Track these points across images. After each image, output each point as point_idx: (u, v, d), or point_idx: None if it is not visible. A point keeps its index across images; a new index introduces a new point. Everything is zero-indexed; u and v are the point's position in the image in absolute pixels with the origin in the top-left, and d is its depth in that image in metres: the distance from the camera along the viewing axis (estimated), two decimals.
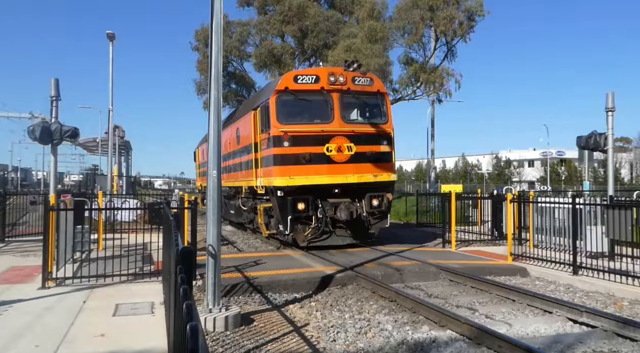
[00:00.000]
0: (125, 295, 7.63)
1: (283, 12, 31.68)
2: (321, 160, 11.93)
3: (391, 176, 12.80)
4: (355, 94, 12.72)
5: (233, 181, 16.71)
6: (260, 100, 13.44)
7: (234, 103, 35.32)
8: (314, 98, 12.33)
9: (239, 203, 16.40)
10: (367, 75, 13.20)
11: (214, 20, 6.68)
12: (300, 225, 12.06)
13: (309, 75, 12.38)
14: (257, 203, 13.92)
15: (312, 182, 11.86)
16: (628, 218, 9.00)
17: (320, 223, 12.12)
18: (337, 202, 12.21)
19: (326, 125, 12.15)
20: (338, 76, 12.38)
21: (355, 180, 12.18)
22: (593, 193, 21.87)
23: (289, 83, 12.23)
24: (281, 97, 12.13)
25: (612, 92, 12.04)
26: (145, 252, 10.25)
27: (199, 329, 1.60)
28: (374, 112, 13.20)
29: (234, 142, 16.59)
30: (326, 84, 12.27)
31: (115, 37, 24.59)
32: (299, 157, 11.86)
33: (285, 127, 11.91)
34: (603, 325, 6.40)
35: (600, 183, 44.26)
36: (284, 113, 12.12)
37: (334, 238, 12.39)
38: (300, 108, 12.47)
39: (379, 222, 12.78)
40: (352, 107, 13.04)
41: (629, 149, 78.37)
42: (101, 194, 14.44)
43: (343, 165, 12.07)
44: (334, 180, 12.02)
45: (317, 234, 12.22)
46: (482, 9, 31.31)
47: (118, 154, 33.23)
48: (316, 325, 6.81)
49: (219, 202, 6.84)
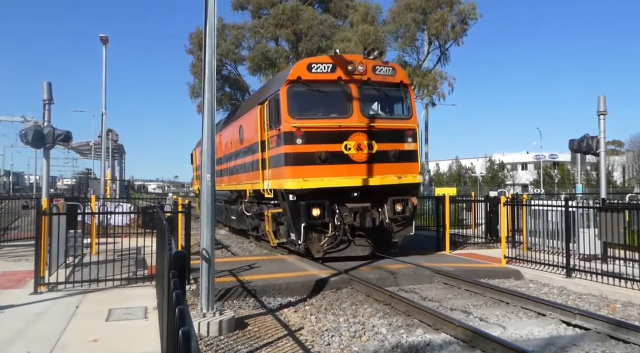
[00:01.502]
0: (118, 300, 7.58)
1: (277, 16, 31.75)
2: (338, 160, 10.64)
3: (417, 177, 11.49)
4: (376, 85, 11.37)
5: (235, 184, 15.52)
6: (268, 93, 12.06)
7: (228, 106, 35.34)
8: (330, 89, 11.00)
9: (241, 208, 15.21)
10: (389, 64, 11.89)
11: (208, 23, 6.68)
12: (314, 233, 10.74)
13: (325, 64, 10.96)
14: (264, 209, 12.81)
15: (329, 184, 10.53)
16: (620, 220, 9.05)
17: (338, 232, 10.75)
18: (357, 207, 10.85)
19: (344, 120, 10.86)
20: (357, 65, 11.04)
21: (378, 182, 10.85)
22: (586, 196, 22.03)
23: (302, 72, 10.86)
24: (293, 88, 10.80)
25: (603, 96, 12.15)
26: (138, 256, 10.20)
27: (191, 334, 1.59)
28: (397, 105, 11.98)
29: (236, 141, 15.36)
30: (344, 73, 10.94)
31: (108, 40, 24.52)
32: (313, 156, 10.53)
33: (298, 122, 10.58)
34: (596, 328, 6.42)
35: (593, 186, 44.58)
36: (296, 106, 10.82)
37: (352, 249, 11.03)
38: (314, 100, 11.15)
39: (403, 229, 11.43)
40: (372, 99, 11.75)
41: (621, 152, 79.02)
42: (94, 198, 14.36)
43: (363, 165, 10.78)
44: (353, 182, 10.69)
45: (334, 244, 10.84)
46: (475, 12, 31.55)
47: (111, 157, 33.06)
48: (311, 329, 6.80)
49: (213, 206, 6.83)
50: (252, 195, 13.61)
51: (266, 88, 13.65)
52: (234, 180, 15.64)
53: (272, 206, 12.12)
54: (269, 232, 12.32)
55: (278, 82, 11.76)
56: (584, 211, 10.51)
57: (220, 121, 21.59)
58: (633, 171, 76.39)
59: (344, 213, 10.80)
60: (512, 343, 5.77)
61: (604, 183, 12.65)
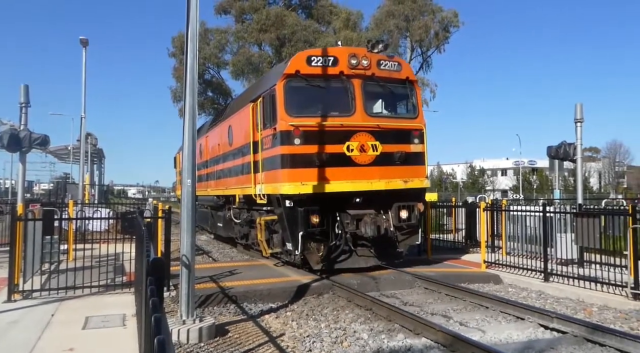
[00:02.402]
0: (96, 308, 7.44)
1: (261, 21, 31.78)
2: (340, 162, 9.83)
3: (424, 182, 10.78)
4: (380, 80, 10.57)
5: (223, 189, 14.50)
6: (262, 89, 11.10)
7: (210, 111, 35.18)
8: (331, 85, 10.22)
9: (229, 215, 14.10)
10: (395, 59, 11.00)
11: (190, 27, 6.64)
12: (313, 243, 9.87)
13: (326, 56, 10.09)
14: (255, 216, 11.83)
15: (330, 189, 9.70)
16: (596, 226, 9.23)
17: (339, 241, 10.01)
18: (360, 214, 10.06)
19: (346, 118, 10.03)
20: (361, 58, 10.21)
21: (383, 186, 10.03)
22: (563, 201, 22.43)
23: (300, 65, 9.97)
24: (291, 83, 9.94)
25: (580, 104, 12.39)
26: (117, 262, 10.03)
27: (166, 343, 1.57)
28: (403, 103, 11.24)
29: (225, 143, 14.33)
30: (346, 67, 10.11)
31: (88, 42, 24.23)
32: (312, 158, 9.67)
33: (296, 121, 9.71)
34: (573, 331, 6.53)
35: (571, 191, 45.42)
36: (294, 103, 9.96)
37: (354, 259, 10.25)
38: (314, 97, 10.33)
39: (409, 238, 10.67)
40: (376, 96, 10.97)
41: (598, 159, 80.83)
42: (72, 203, 14.10)
43: (367, 168, 9.98)
44: (356, 186, 9.86)
45: (335, 254, 10.09)
46: (457, 20, 32.06)
47: (90, 162, 32.55)
48: (292, 335, 6.77)
49: (194, 211, 6.77)
50: (242, 201, 12.73)
51: (259, 84, 12.54)
52: (222, 184, 14.74)
53: (264, 213, 11.28)
54: (261, 241, 11.33)
55: (273, 76, 10.78)
56: (561, 216, 10.69)
57: (207, 122, 20.96)
58: (609, 177, 78.17)
59: (346, 220, 10.06)
60: (492, 347, 5.83)
61: (580, 189, 12.89)
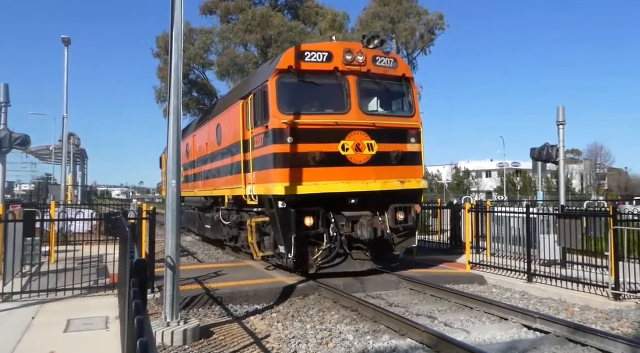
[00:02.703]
0: (78, 310, 7.33)
1: (246, 22, 31.69)
2: (335, 162, 9.51)
3: (421, 183, 10.49)
4: (376, 77, 10.27)
5: (211, 189, 14.06)
6: (252, 85, 10.76)
7: (195, 111, 34.96)
8: (326, 81, 9.88)
9: (218, 216, 13.64)
10: (391, 55, 10.72)
11: (174, 27, 6.58)
12: (307, 245, 9.57)
13: (320, 52, 9.78)
14: (245, 217, 11.46)
15: (324, 189, 9.36)
16: (578, 227, 9.37)
17: (334, 244, 9.63)
18: (355, 215, 9.77)
19: (341, 116, 9.68)
20: (356, 54, 9.89)
21: (379, 187, 9.73)
22: (546, 202, 22.73)
23: (293, 60, 9.65)
24: (283, 79, 9.62)
25: (562, 106, 12.59)
26: (100, 264, 9.90)
27: (149, 345, 1.54)
28: (399, 101, 10.98)
29: (212, 142, 13.97)
30: (341, 63, 9.80)
31: (70, 41, 23.90)
32: (306, 157, 9.35)
33: (289, 118, 9.34)
34: (555, 331, 6.61)
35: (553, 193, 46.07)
36: (287, 99, 9.62)
37: (349, 263, 9.88)
38: (307, 93, 10.03)
39: (405, 240, 10.40)
40: (372, 94, 10.63)
41: (579, 161, 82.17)
42: (54, 204, 13.88)
43: (362, 167, 9.67)
44: (351, 187, 9.55)
45: (329, 258, 9.70)
46: (442, 23, 32.34)
47: (73, 162, 32.09)
48: (277, 336, 6.74)
49: (178, 212, 6.70)
50: (231, 202, 12.32)
51: (249, 80, 12.17)
52: (210, 184, 14.31)
53: (254, 214, 10.92)
54: (252, 244, 10.89)
55: (265, 72, 10.41)
56: (544, 218, 10.83)
57: (194, 121, 20.59)
58: (590, 179, 79.49)
59: (340, 222, 9.72)
60: (476, 347, 5.88)
61: (563, 190, 13.08)
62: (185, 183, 18.01)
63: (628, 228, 8.65)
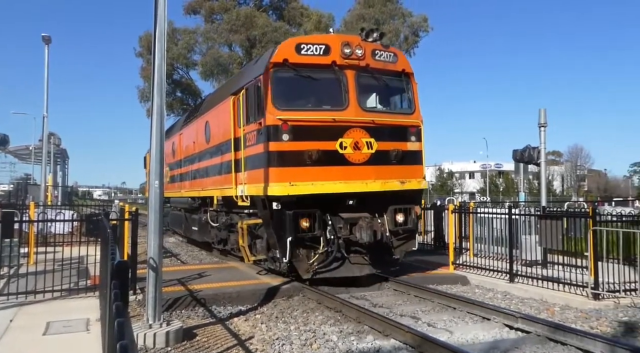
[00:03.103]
0: (58, 312, 7.20)
1: (231, 22, 31.55)
2: (333, 161, 9.10)
3: (421, 183, 10.20)
4: (375, 72, 9.88)
5: (199, 190, 13.57)
6: (245, 80, 10.28)
7: (179, 111, 34.69)
8: (323, 76, 9.45)
9: (206, 218, 13.15)
10: (391, 49, 10.29)
11: (158, 27, 6.52)
12: (302, 249, 9.10)
13: (317, 44, 9.34)
14: (236, 219, 11.03)
15: (322, 190, 8.97)
16: (559, 228, 9.52)
17: (331, 247, 9.18)
18: (354, 217, 9.34)
19: (339, 112, 9.27)
20: (355, 48, 9.46)
21: (379, 187, 9.35)
22: (528, 203, 23.04)
23: (289, 53, 9.21)
24: (278, 73, 9.18)
25: (544, 109, 12.78)
26: (81, 265, 9.75)
27: (129, 348, 1.52)
28: (399, 97, 10.58)
29: (201, 140, 13.48)
30: (339, 57, 9.36)
31: (51, 40, 23.51)
32: (303, 156, 8.92)
33: (285, 115, 8.92)
34: (537, 331, 6.70)
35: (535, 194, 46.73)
36: (282, 94, 9.22)
37: (347, 268, 9.43)
38: (304, 88, 9.59)
39: (405, 243, 10.01)
40: (371, 90, 10.23)
41: (560, 162, 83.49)
42: (33, 205, 13.63)
43: (361, 167, 9.27)
44: (350, 187, 9.15)
45: (327, 262, 9.24)
46: (426, 25, 32.60)
47: (53, 162, 31.59)
48: (261, 338, 6.71)
49: (161, 213, 6.63)
50: (221, 203, 11.82)
51: (241, 75, 11.64)
52: (198, 185, 13.79)
53: (246, 216, 10.48)
54: (243, 247, 10.41)
55: (258, 66, 9.93)
56: (526, 218, 10.98)
57: (180, 119, 20.14)
58: (571, 180, 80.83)
59: (338, 224, 9.33)
60: (459, 347, 5.93)
61: (544, 191, 13.27)
62: (171, 184, 17.71)
63: (607, 229, 8.81)
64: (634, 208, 28.84)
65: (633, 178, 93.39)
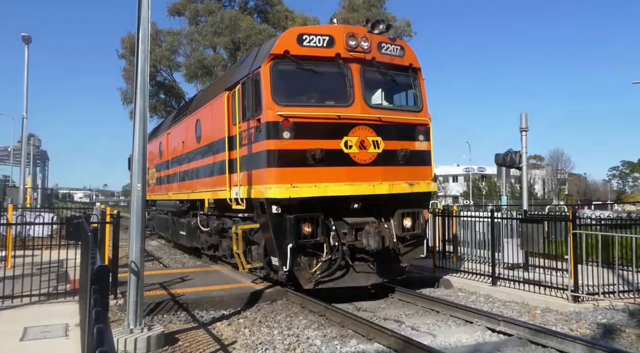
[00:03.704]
0: (35, 317, 7.05)
1: (215, 24, 31.43)
2: (337, 161, 8.45)
3: (431, 185, 9.57)
4: (382, 66, 9.24)
5: (188, 192, 12.87)
6: (241, 74, 9.55)
7: (163, 113, 34.38)
8: (326, 69, 8.80)
9: (195, 222, 12.42)
10: (397, 42, 9.57)
11: (141, 29, 6.46)
12: (304, 257, 8.45)
13: (320, 35, 8.67)
14: (229, 224, 10.43)
15: (326, 192, 8.30)
16: (540, 231, 9.64)
17: (335, 255, 8.52)
18: (359, 222, 8.69)
19: (344, 109, 8.62)
20: (360, 40, 8.83)
21: (386, 190, 8.70)
22: (510, 207, 23.31)
23: (290, 45, 8.54)
24: (279, 66, 8.51)
25: (525, 113, 12.93)
26: (61, 269, 9.57)
27: None
28: (406, 94, 9.94)
29: (191, 139, 12.81)
30: (344, 49, 8.71)
31: (31, 39, 23.10)
32: (305, 155, 8.27)
33: (286, 110, 8.28)
34: (518, 333, 6.77)
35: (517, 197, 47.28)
36: (283, 89, 8.57)
37: (352, 277, 8.76)
38: (306, 83, 8.93)
39: (412, 250, 9.33)
40: (377, 85, 9.55)
41: (542, 166, 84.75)
42: (11, 208, 13.35)
43: (368, 168, 8.62)
44: (356, 190, 8.49)
45: (330, 270, 8.57)
46: (410, 29, 32.87)
47: (33, 164, 31.03)
48: (244, 342, 6.66)
49: (143, 216, 6.56)
50: (212, 206, 11.15)
51: (236, 69, 10.84)
52: (187, 187, 13.07)
53: (240, 220, 9.82)
54: (237, 254, 9.59)
55: (257, 57, 9.21)
56: (508, 222, 11.09)
57: (168, 118, 19.59)
58: (552, 184, 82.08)
59: (342, 230, 8.68)
60: (442, 351, 5.97)
61: (525, 195, 13.42)
62: (158, 186, 17.31)
63: (587, 233, 8.95)
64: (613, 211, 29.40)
65: (612, 182, 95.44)
